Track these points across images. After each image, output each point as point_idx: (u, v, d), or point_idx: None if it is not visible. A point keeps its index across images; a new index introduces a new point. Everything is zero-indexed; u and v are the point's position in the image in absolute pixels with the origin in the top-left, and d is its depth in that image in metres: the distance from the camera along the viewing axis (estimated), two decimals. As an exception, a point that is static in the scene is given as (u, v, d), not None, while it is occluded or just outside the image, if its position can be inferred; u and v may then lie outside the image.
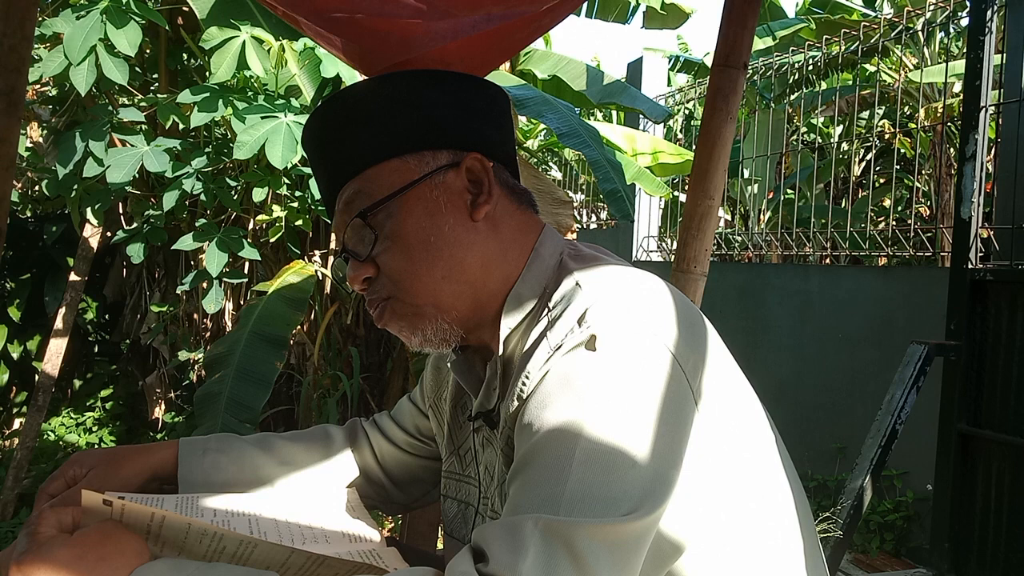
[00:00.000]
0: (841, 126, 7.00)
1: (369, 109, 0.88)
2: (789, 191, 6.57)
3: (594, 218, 8.19)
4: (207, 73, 2.90)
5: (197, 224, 3.02)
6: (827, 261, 4.56)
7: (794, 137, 6.80)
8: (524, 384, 0.77)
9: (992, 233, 3.03)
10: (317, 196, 2.82)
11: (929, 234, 4.03)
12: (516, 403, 0.78)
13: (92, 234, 3.58)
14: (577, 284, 0.80)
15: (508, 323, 0.86)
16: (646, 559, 0.72)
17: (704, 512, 0.77)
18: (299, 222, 3.00)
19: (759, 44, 6.07)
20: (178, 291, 3.39)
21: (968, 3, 3.15)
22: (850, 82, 6.36)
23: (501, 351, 0.87)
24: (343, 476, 1.11)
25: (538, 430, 0.73)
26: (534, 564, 0.65)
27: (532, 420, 0.74)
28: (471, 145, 0.88)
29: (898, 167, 5.78)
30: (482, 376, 0.92)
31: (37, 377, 3.68)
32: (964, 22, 4.09)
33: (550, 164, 7.87)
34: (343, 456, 1.12)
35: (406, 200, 0.85)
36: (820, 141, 6.38)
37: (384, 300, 0.88)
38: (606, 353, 0.73)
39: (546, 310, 0.81)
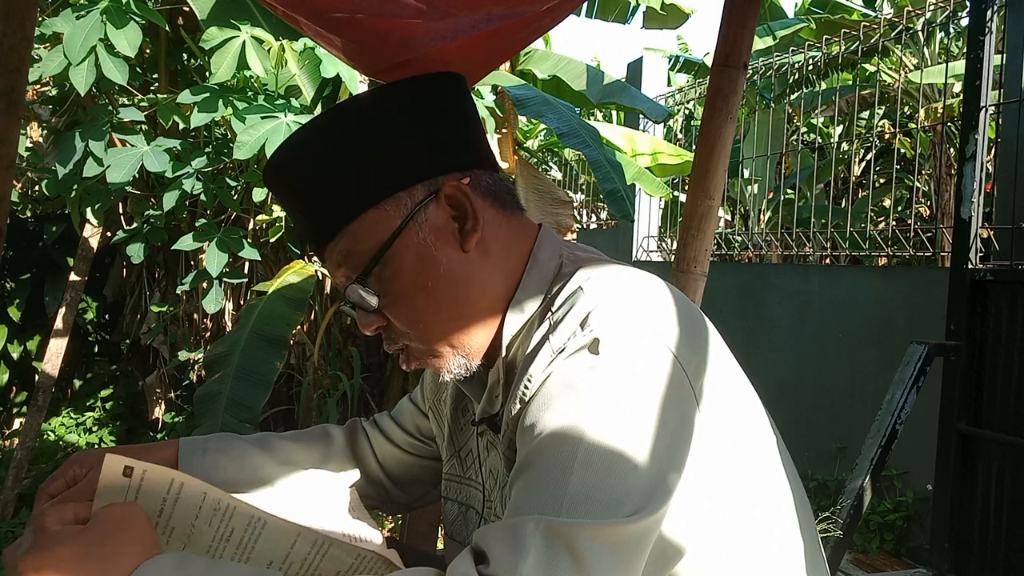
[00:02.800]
0: (841, 126, 7.00)
1: (326, 169, 0.85)
2: (789, 191, 6.57)
3: (594, 218, 8.19)
4: (207, 73, 2.90)
5: (197, 224, 3.02)
6: (827, 261, 4.56)
7: (794, 137, 6.80)
8: (526, 387, 0.77)
9: (992, 233, 3.03)
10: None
11: (929, 234, 4.03)
12: (518, 406, 0.78)
13: (92, 234, 3.58)
14: (579, 288, 0.80)
15: (510, 329, 0.86)
16: (649, 561, 0.72)
17: (706, 513, 0.77)
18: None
19: (759, 44, 6.07)
20: (178, 291, 3.39)
21: (968, 3, 3.15)
22: (850, 82, 6.36)
23: (504, 356, 0.87)
24: (343, 476, 1.11)
25: (540, 432, 0.73)
26: (535, 565, 0.65)
27: (534, 422, 0.74)
28: (441, 165, 0.85)
29: (898, 167, 5.78)
30: (484, 380, 0.92)
31: (37, 377, 3.68)
32: (964, 22, 4.09)
33: (550, 164, 7.87)
34: (343, 456, 1.12)
35: (395, 251, 0.83)
36: (820, 141, 6.38)
37: (403, 345, 0.89)
38: (609, 356, 0.73)
39: (548, 313, 0.81)
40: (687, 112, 6.66)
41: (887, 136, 6.19)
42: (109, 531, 0.72)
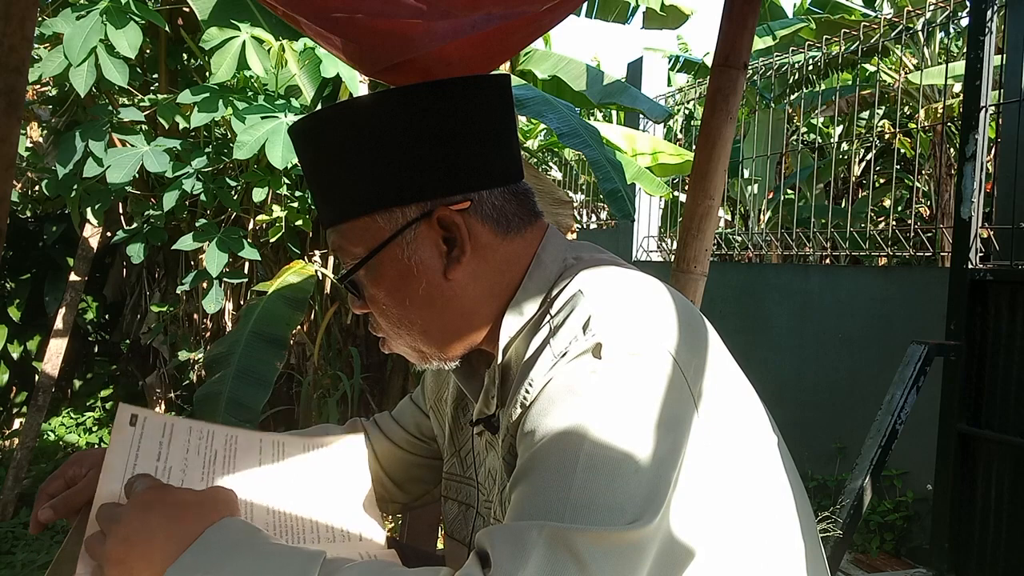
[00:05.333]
0: (841, 126, 7.00)
1: (333, 164, 0.85)
2: (789, 191, 6.57)
3: (594, 218, 8.19)
4: (207, 73, 2.90)
5: (197, 224, 3.02)
6: (827, 261, 4.56)
7: (794, 137, 6.80)
8: (527, 392, 0.77)
9: (992, 233, 3.03)
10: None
11: (929, 234, 4.03)
12: (519, 410, 0.78)
13: (92, 234, 3.58)
14: (580, 291, 0.80)
15: (508, 332, 0.85)
16: (656, 566, 0.72)
17: (706, 515, 0.77)
18: (299, 222, 3.00)
19: (759, 44, 6.07)
20: (178, 291, 3.39)
21: (968, 3, 3.15)
22: (850, 82, 6.35)
23: (500, 359, 0.86)
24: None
25: (542, 437, 0.73)
26: (536, 571, 0.65)
27: (535, 427, 0.74)
28: (442, 187, 0.83)
29: (898, 167, 5.78)
30: (484, 380, 0.92)
31: (37, 377, 3.68)
32: (964, 22, 4.09)
33: (550, 164, 7.87)
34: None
35: (379, 262, 0.84)
36: (820, 141, 6.38)
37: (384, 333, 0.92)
38: (611, 361, 0.73)
39: (548, 317, 0.81)
40: (687, 112, 6.65)
41: (887, 136, 6.19)
42: (172, 500, 0.77)
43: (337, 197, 0.85)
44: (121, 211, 3.65)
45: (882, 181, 6.98)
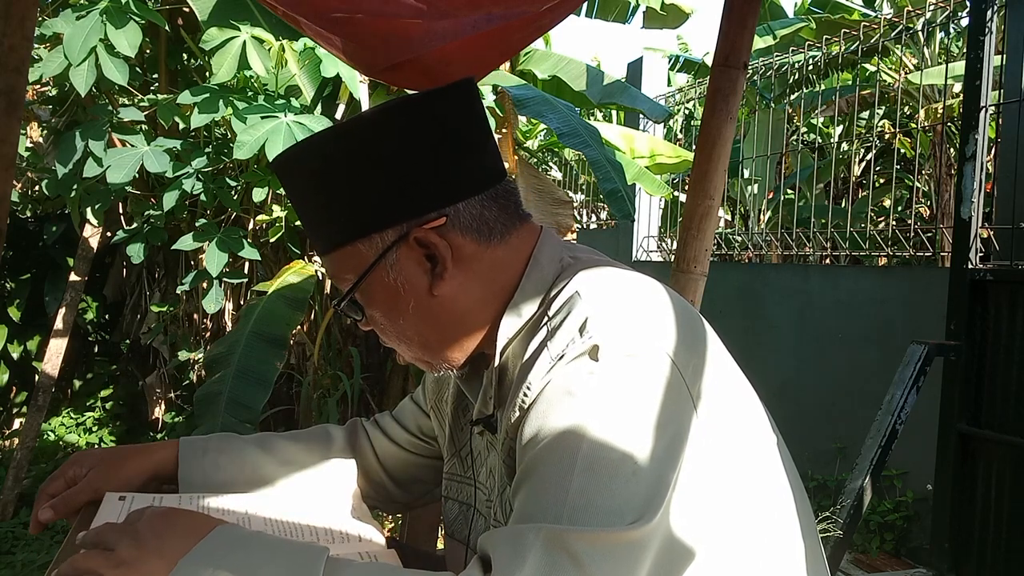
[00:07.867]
0: (841, 126, 6.99)
1: (309, 199, 0.88)
2: (789, 191, 6.56)
3: (594, 218, 8.18)
4: (207, 73, 2.90)
5: (197, 224, 3.02)
6: (827, 261, 4.55)
7: (794, 137, 6.79)
8: (526, 394, 0.77)
9: (992, 233, 3.03)
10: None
11: (929, 234, 4.02)
12: (517, 413, 0.78)
13: (92, 234, 3.58)
14: (576, 293, 0.80)
15: (506, 333, 0.86)
16: (657, 567, 0.72)
17: (706, 516, 0.77)
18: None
19: (759, 44, 6.06)
20: (178, 291, 3.39)
21: (968, 3, 3.15)
22: (850, 82, 6.35)
23: (497, 361, 0.87)
24: (344, 476, 1.11)
25: (541, 440, 0.73)
26: (533, 573, 0.65)
27: (534, 430, 0.75)
28: (415, 207, 0.83)
29: (898, 167, 5.78)
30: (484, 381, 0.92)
31: (37, 377, 3.68)
32: (964, 22, 4.09)
33: (550, 164, 7.87)
34: (344, 456, 1.12)
35: (368, 285, 0.86)
36: (820, 141, 6.38)
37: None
38: (609, 363, 0.73)
39: (545, 319, 0.81)
40: (687, 112, 6.65)
41: (887, 136, 6.19)
42: (177, 511, 0.79)
43: (320, 228, 0.88)
44: (121, 211, 3.65)
45: (882, 181, 6.98)
